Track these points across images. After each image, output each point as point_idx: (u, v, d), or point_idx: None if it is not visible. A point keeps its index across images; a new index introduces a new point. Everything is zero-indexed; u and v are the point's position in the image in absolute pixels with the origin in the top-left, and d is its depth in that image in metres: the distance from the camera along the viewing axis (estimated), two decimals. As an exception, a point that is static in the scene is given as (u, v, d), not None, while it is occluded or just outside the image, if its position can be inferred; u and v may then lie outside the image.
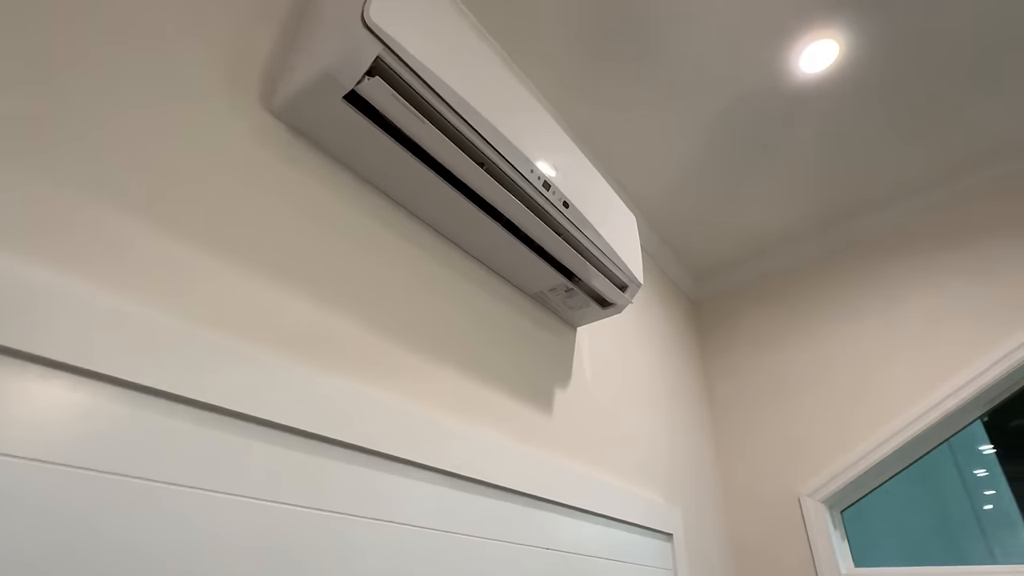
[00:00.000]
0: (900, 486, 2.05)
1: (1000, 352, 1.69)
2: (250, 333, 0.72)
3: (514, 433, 1.09)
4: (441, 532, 0.86)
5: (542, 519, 1.07)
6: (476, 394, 1.04)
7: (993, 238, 1.84)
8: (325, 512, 0.71)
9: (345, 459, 0.76)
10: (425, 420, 0.88)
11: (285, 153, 0.85)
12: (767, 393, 2.07)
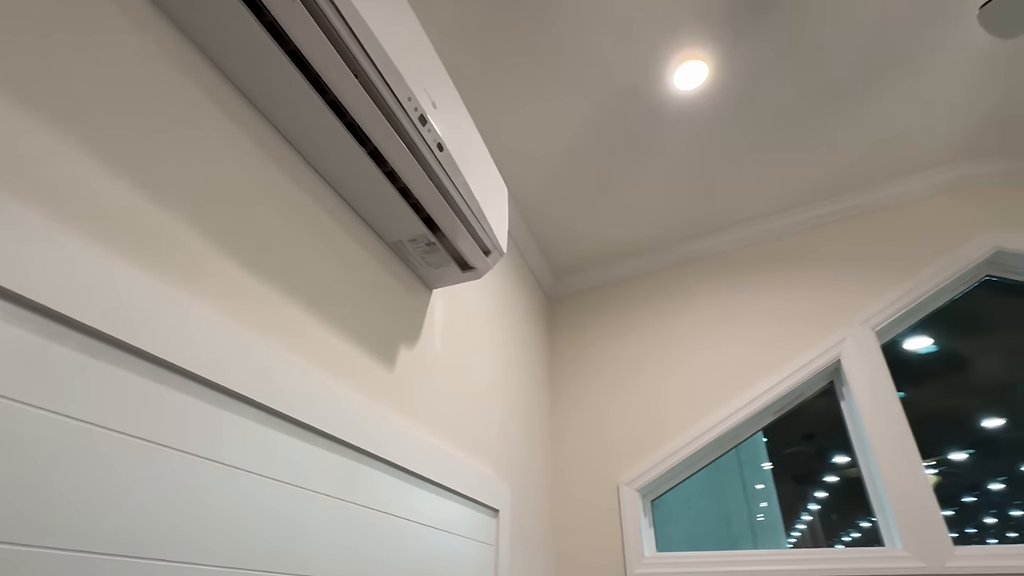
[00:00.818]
0: (697, 490, 2.29)
1: (791, 368, 1.96)
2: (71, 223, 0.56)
3: (351, 383, 1.01)
4: (258, 476, 0.75)
5: (369, 476, 0.99)
6: (318, 334, 0.94)
7: (817, 267, 2.14)
8: (147, 443, 0.58)
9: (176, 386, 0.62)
10: (254, 347, 0.77)
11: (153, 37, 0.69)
12: (602, 389, 2.19)
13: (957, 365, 1.98)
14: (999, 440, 1.86)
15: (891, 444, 1.74)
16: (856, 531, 1.86)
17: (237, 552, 0.71)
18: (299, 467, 0.84)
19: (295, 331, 0.89)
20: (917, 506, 1.64)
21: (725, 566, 1.72)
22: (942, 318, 2.02)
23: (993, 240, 1.94)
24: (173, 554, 0.63)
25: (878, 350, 1.90)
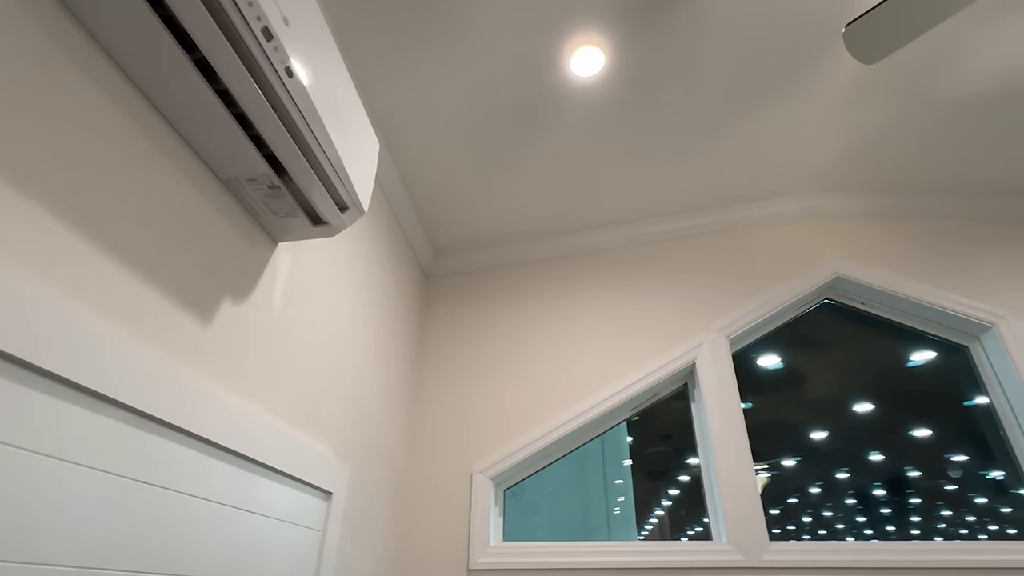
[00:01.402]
0: (561, 482, 2.31)
1: (649, 368, 2.02)
2: None
3: (149, 336, 0.83)
4: (22, 451, 0.57)
5: (161, 448, 0.83)
6: (105, 272, 0.76)
7: (682, 274, 2.22)
8: None
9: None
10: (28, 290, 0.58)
11: None
12: (469, 375, 2.13)
13: (796, 381, 2.16)
14: (821, 450, 2.05)
15: (729, 446, 1.85)
16: (700, 526, 1.96)
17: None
18: (56, 433, 0.67)
19: (68, 264, 0.71)
20: (743, 504, 1.75)
21: (564, 556, 1.73)
22: (789, 338, 2.19)
23: (834, 267, 2.14)
24: None
25: (729, 357, 2.02)
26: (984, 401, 1.98)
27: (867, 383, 2.10)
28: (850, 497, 1.97)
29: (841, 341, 2.19)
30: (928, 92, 1.79)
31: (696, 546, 1.72)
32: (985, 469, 1.94)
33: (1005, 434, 1.90)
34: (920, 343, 2.11)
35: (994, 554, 1.59)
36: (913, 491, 1.97)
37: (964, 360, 2.06)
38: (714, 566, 1.67)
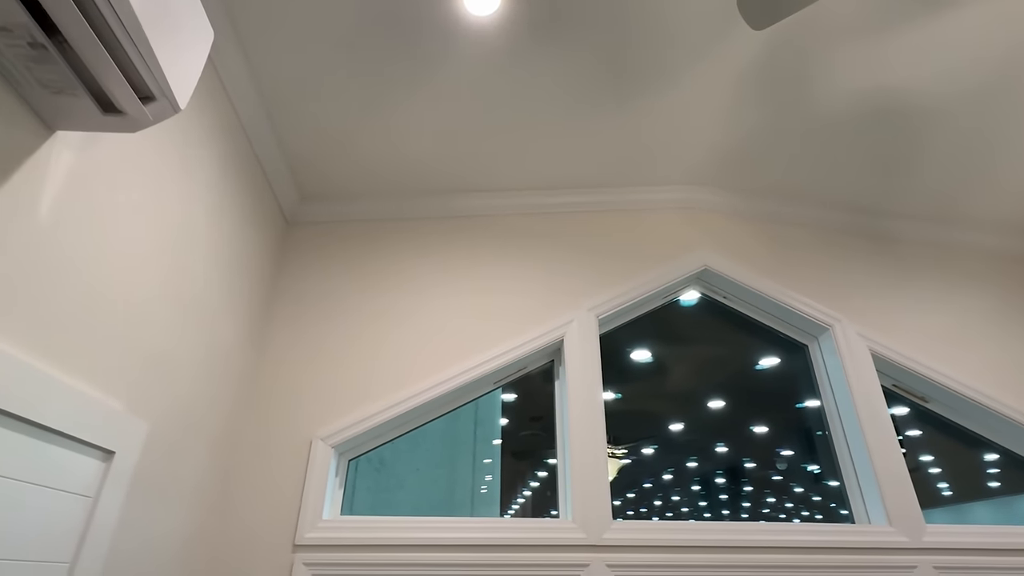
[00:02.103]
0: (430, 460, 2.20)
1: (517, 341, 1.95)
2: None
3: None
4: None
5: None
6: None
7: (559, 250, 2.16)
8: None
9: None
10: None
11: None
12: (323, 334, 1.93)
13: (661, 373, 2.20)
14: (676, 439, 2.11)
15: (586, 424, 1.83)
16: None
17: None
18: None
19: None
20: (591, 484, 1.74)
21: (401, 531, 1.61)
22: (657, 331, 2.23)
23: (703, 259, 2.20)
24: None
25: (596, 336, 2.01)
26: (815, 404, 2.15)
27: (720, 380, 2.20)
28: (696, 483, 2.06)
29: (702, 335, 2.27)
30: (797, 105, 1.86)
31: (538, 523, 1.69)
32: (806, 462, 2.11)
33: (828, 431, 2.07)
34: (767, 347, 2.25)
35: (802, 535, 1.72)
36: (747, 480, 2.09)
37: (803, 364, 2.22)
38: (555, 543, 1.64)
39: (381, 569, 1.57)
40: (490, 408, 2.61)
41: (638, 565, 1.64)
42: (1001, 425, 2.07)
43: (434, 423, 2.35)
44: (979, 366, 2.13)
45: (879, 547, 1.73)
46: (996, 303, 2.31)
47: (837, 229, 2.39)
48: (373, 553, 1.59)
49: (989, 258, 2.45)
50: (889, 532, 1.76)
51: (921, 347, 2.14)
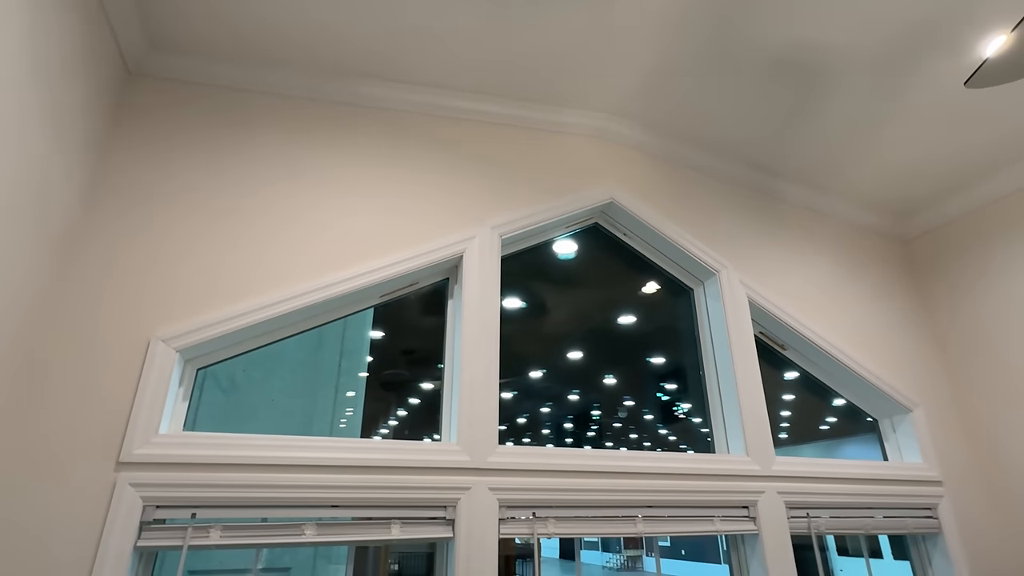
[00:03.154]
0: (286, 390, 1.98)
1: (412, 252, 1.75)
2: None
3: None
4: None
5: None
6: None
7: (467, 161, 1.96)
8: None
9: None
10: None
11: None
12: (170, 216, 1.57)
13: (552, 309, 2.13)
14: (557, 374, 2.07)
15: (480, 346, 1.71)
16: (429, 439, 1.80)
17: None
18: None
19: None
20: (480, 407, 1.64)
21: (262, 451, 1.39)
22: (547, 269, 2.15)
23: (611, 192, 2.14)
24: None
25: (498, 257, 1.87)
26: (686, 352, 2.24)
27: (596, 325, 2.20)
28: (570, 421, 2.05)
29: (598, 273, 2.24)
30: (717, 45, 1.82)
31: (417, 445, 1.56)
32: (676, 403, 2.21)
33: (703, 370, 2.17)
34: (643, 297, 2.28)
35: (675, 462, 1.79)
36: (625, 412, 2.14)
37: (684, 309, 2.29)
38: (437, 465, 1.53)
39: (231, 491, 1.34)
40: (358, 340, 2.41)
41: (521, 489, 1.59)
42: (842, 374, 2.31)
43: (295, 352, 2.14)
44: (826, 321, 2.35)
45: (738, 474, 1.86)
46: (844, 268, 2.56)
47: (731, 180, 2.46)
48: (222, 473, 1.35)
49: (844, 226, 2.70)
50: (747, 461, 1.90)
51: (784, 298, 2.30)
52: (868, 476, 2.06)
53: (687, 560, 20.40)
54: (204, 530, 1.32)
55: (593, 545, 27.63)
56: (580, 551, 1.93)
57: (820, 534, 1.92)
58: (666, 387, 2.19)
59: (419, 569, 7.82)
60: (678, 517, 1.75)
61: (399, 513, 1.48)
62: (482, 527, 1.52)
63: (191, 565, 1.66)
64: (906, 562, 2.21)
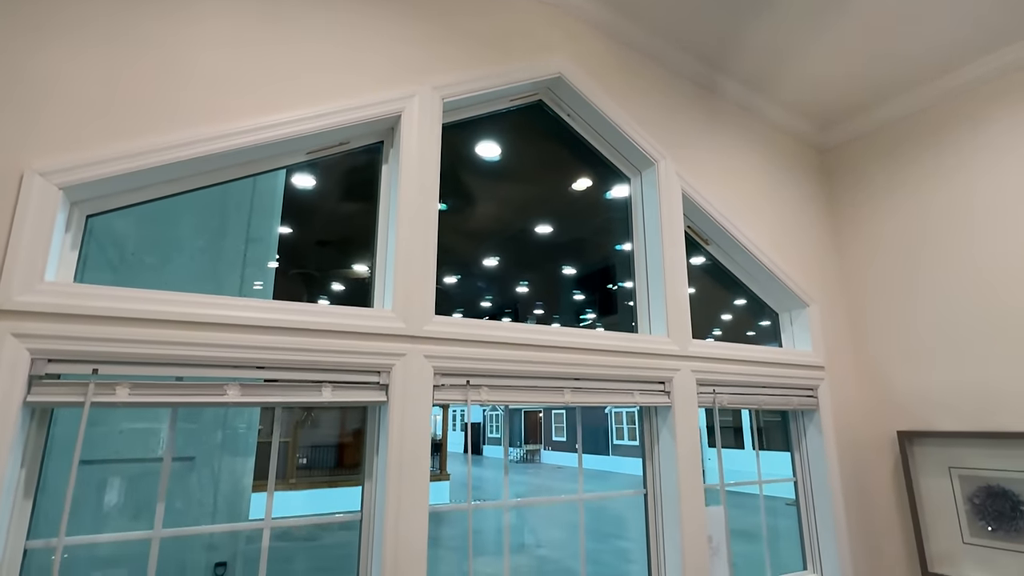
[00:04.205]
0: (185, 277, 1.80)
1: (345, 104, 1.57)
2: None
3: None
4: None
5: None
6: None
7: (419, 11, 1.74)
8: None
9: None
10: None
11: None
12: (75, 13, 1.27)
13: (482, 199, 2.04)
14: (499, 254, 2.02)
15: (417, 212, 1.61)
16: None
17: None
18: None
19: None
20: (416, 275, 1.57)
21: (170, 306, 1.26)
22: (485, 163, 2.03)
23: (560, 66, 2.02)
24: None
25: (440, 121, 1.73)
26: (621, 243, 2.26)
27: (541, 210, 2.16)
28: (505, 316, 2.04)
29: (539, 161, 2.16)
30: None
31: (357, 311, 1.48)
32: (606, 289, 2.27)
33: (633, 257, 2.22)
34: (600, 177, 2.25)
35: (603, 339, 1.85)
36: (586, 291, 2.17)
37: (621, 205, 2.30)
38: (376, 331, 1.47)
39: (139, 347, 1.21)
40: (266, 228, 2.23)
41: (455, 358, 1.58)
42: (756, 271, 2.47)
43: (193, 239, 1.96)
44: (747, 219, 2.46)
45: (658, 353, 1.97)
46: (768, 171, 2.66)
47: (677, 71, 2.41)
48: (129, 328, 1.21)
49: (773, 130, 2.77)
50: (667, 342, 2.01)
51: (713, 193, 2.37)
52: (766, 360, 2.27)
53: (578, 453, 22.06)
54: (110, 387, 1.19)
55: (496, 440, 29.71)
56: (484, 446, 1.96)
57: (723, 407, 2.12)
58: (592, 282, 2.23)
59: (328, 462, 8.02)
60: (602, 390, 1.85)
61: (331, 377, 1.42)
62: (417, 393, 1.51)
63: (86, 454, 1.50)
64: (766, 452, 2.52)
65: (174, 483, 2.91)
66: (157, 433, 2.80)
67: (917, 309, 2.43)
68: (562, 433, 21.42)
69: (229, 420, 3.04)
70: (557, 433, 22.34)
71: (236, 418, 3.06)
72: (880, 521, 2.44)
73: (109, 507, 2.56)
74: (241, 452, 3.15)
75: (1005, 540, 2.05)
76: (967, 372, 2.23)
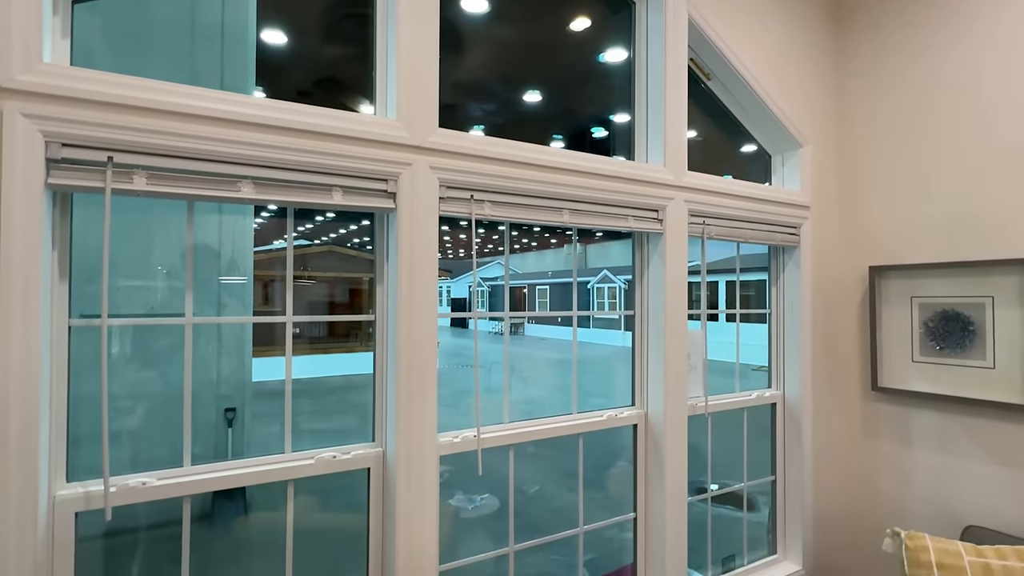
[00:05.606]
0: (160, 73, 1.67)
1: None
2: None
3: None
4: None
5: None
6: None
7: None
8: None
9: None
10: None
11: None
12: None
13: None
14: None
15: (425, 15, 1.55)
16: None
17: None
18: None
19: None
20: (421, 86, 1.55)
21: (178, 97, 1.24)
22: None
23: None
24: None
25: (437, -85, 1.60)
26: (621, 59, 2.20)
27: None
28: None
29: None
30: None
31: (362, 117, 1.48)
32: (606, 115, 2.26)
33: (634, 82, 2.18)
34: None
35: (604, 164, 1.88)
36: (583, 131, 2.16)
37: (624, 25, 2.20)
38: (382, 139, 1.48)
39: (152, 137, 1.22)
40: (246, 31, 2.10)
41: (460, 171, 1.61)
42: (756, 109, 2.45)
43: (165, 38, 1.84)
44: (750, 52, 2.38)
45: (654, 181, 2.02)
46: (796, 7, 2.54)
47: None
48: (139, 118, 1.20)
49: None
50: (663, 171, 2.05)
51: (719, 21, 2.28)
52: (756, 196, 2.34)
53: (559, 326, 23.26)
54: (127, 175, 1.22)
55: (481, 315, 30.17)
56: (478, 326, 2.03)
57: (710, 238, 2.22)
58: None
59: (320, 331, 8.02)
60: (599, 213, 1.91)
61: (341, 182, 1.45)
62: (423, 203, 1.56)
63: (86, 309, 1.46)
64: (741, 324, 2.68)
65: (175, 337, 3.02)
66: (153, 291, 2.87)
67: (908, 149, 2.47)
68: (546, 308, 22.18)
69: (222, 294, 3.10)
70: (541, 308, 23.12)
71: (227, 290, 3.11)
72: (841, 347, 2.69)
73: (115, 357, 2.70)
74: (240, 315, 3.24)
75: (951, 357, 2.29)
76: (946, 206, 2.33)
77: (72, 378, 1.27)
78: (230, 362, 3.21)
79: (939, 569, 1.86)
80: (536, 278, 20.06)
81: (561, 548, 2.82)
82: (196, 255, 1.41)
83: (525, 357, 18.09)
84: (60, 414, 1.24)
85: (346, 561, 1.65)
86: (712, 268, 2.33)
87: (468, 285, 29.23)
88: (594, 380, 12.28)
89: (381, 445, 1.61)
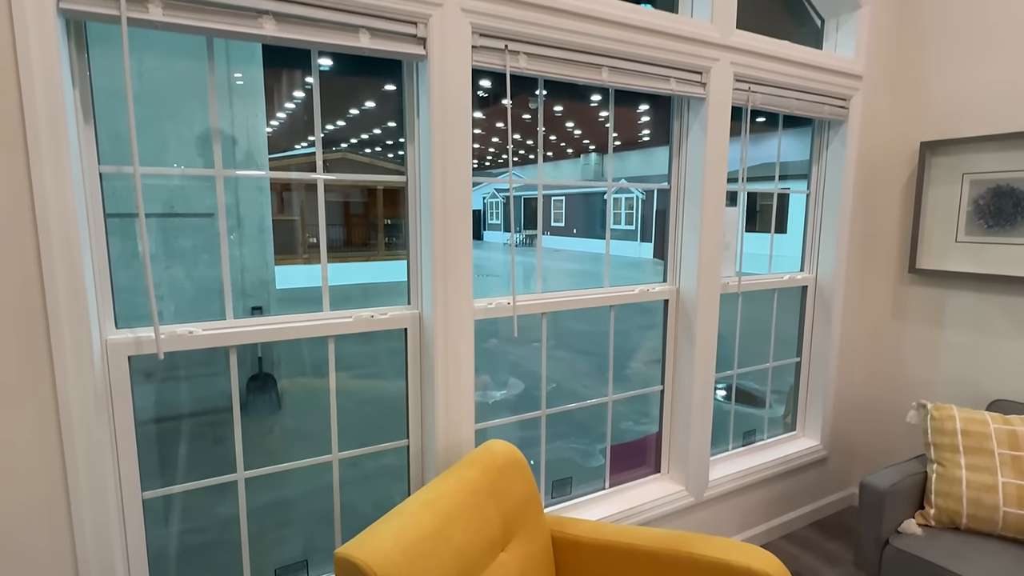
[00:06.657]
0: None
1: None
2: None
3: None
4: None
5: None
6: None
7: None
8: None
9: None
10: None
11: None
12: None
13: None
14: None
15: None
16: None
17: None
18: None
19: None
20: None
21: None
22: None
23: None
24: None
25: None
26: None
27: None
28: None
29: None
30: None
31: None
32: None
33: (680, -71, 1.96)
34: None
35: (644, 15, 1.72)
36: None
37: None
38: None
39: (163, -40, 1.11)
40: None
41: (493, 15, 1.48)
42: None
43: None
44: None
45: (699, 39, 1.86)
46: None
47: None
48: (145, -66, 1.09)
49: None
50: (709, 27, 1.88)
51: None
52: (807, 61, 2.16)
53: (576, 237, 22.99)
54: (142, 3, 1.13)
55: (496, 227, 30.13)
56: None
57: (755, 107, 2.09)
58: None
59: (337, 240, 8.16)
60: (639, 72, 1.78)
61: (368, 22, 1.35)
62: (455, 50, 1.45)
63: (110, 208, 1.36)
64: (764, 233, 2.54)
65: (198, 236, 2.99)
66: (172, 189, 2.81)
67: (976, 5, 2.24)
68: (561, 219, 22.00)
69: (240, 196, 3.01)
70: (556, 219, 22.98)
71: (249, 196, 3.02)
72: (880, 229, 2.60)
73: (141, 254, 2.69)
74: (258, 225, 3.19)
75: (999, 235, 2.21)
76: (1012, 71, 2.14)
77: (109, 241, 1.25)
78: (256, 264, 3.22)
79: (964, 436, 1.89)
80: (553, 188, 19.70)
81: (579, 435, 2.93)
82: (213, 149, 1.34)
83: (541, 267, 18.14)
84: (102, 262, 1.24)
85: (386, 420, 1.71)
86: (733, 177, 2.20)
87: (484, 196, 28.88)
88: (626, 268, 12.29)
89: (417, 307, 1.61)
